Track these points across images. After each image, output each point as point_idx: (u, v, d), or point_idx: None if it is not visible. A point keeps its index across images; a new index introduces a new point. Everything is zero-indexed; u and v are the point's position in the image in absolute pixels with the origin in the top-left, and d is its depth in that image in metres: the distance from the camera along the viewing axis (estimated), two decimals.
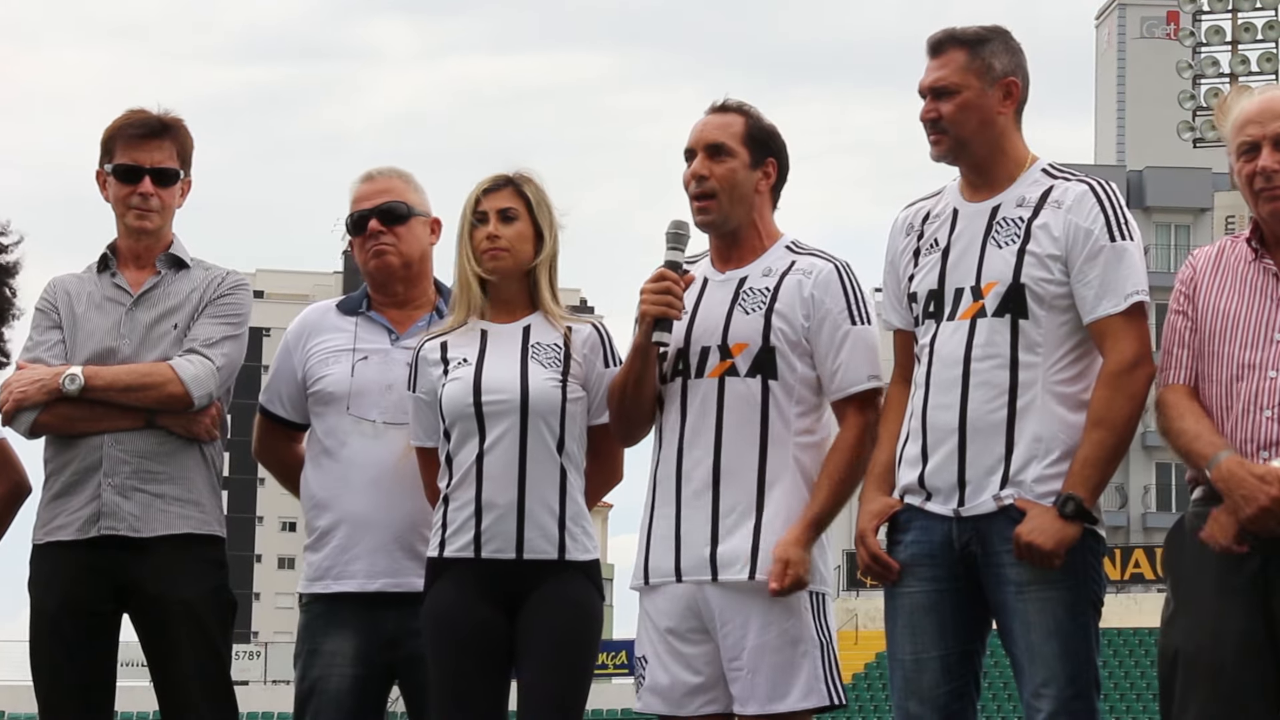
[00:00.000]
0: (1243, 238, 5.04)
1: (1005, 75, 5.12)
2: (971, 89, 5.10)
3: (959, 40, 5.14)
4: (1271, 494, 4.73)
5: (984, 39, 5.13)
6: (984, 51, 5.12)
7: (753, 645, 5.13)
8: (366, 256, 5.71)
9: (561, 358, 5.35)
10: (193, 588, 5.56)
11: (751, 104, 5.34)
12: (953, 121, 5.11)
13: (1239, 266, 5.01)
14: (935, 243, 5.18)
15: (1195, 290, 5.03)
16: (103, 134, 5.71)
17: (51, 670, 5.57)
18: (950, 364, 5.06)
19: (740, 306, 5.24)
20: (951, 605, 5.07)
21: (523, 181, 5.42)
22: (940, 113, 5.11)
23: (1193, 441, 4.89)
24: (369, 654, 5.58)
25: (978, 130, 5.11)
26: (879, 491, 5.16)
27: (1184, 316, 5.02)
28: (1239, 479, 4.77)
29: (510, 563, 5.26)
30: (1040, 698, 4.96)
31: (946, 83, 5.11)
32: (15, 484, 5.85)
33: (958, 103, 5.10)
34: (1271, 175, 4.91)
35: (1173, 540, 5.02)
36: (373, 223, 5.69)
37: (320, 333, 5.77)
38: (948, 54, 5.13)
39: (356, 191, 5.77)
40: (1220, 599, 4.82)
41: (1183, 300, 5.03)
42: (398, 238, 5.69)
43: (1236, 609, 4.80)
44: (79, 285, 5.72)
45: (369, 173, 5.81)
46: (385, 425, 5.60)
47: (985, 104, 5.11)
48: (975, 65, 5.11)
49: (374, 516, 5.57)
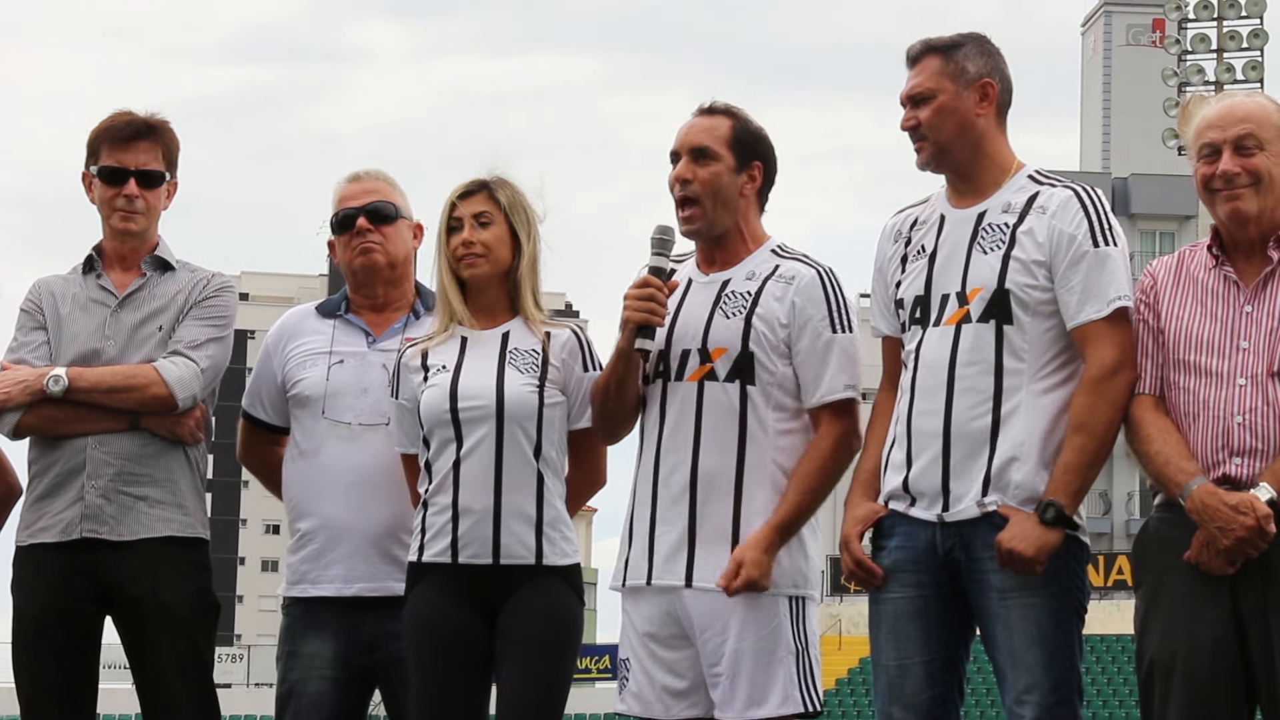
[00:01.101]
0: (1202, 245, 5.06)
1: (980, 77, 5.13)
2: (946, 92, 5.12)
3: (933, 48, 5.17)
4: (1247, 524, 4.75)
5: (958, 44, 5.16)
6: (957, 55, 5.14)
7: (731, 651, 5.13)
8: (352, 255, 5.71)
9: (539, 363, 5.35)
10: (175, 590, 5.56)
11: (740, 107, 5.34)
12: (930, 126, 5.12)
13: (1199, 274, 5.02)
14: (922, 249, 5.19)
15: (1156, 300, 5.04)
16: (88, 136, 5.72)
17: (33, 672, 5.56)
18: (935, 370, 5.06)
19: (721, 310, 5.23)
20: (935, 611, 5.07)
21: (498, 186, 5.41)
22: (919, 119, 5.13)
23: (1163, 467, 4.91)
24: (348, 657, 5.58)
25: (956, 134, 5.12)
26: (864, 497, 5.16)
27: (1145, 325, 5.03)
28: (1213, 510, 4.80)
29: (487, 568, 5.26)
30: (1023, 704, 4.96)
31: (922, 89, 5.13)
32: (7, 487, 5.85)
33: (934, 107, 5.11)
34: (1232, 178, 4.93)
35: (1140, 547, 5.04)
36: (361, 220, 5.69)
37: (299, 336, 5.77)
38: (923, 61, 5.16)
39: (342, 191, 5.77)
40: (1191, 605, 4.84)
41: (1144, 309, 5.05)
42: (385, 237, 5.70)
43: (1207, 615, 4.82)
44: (64, 287, 5.72)
45: (355, 173, 5.81)
46: (361, 428, 5.60)
47: (961, 107, 5.11)
48: (949, 69, 5.12)
49: (350, 520, 5.57)
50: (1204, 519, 4.81)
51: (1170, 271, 5.08)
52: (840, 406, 5.20)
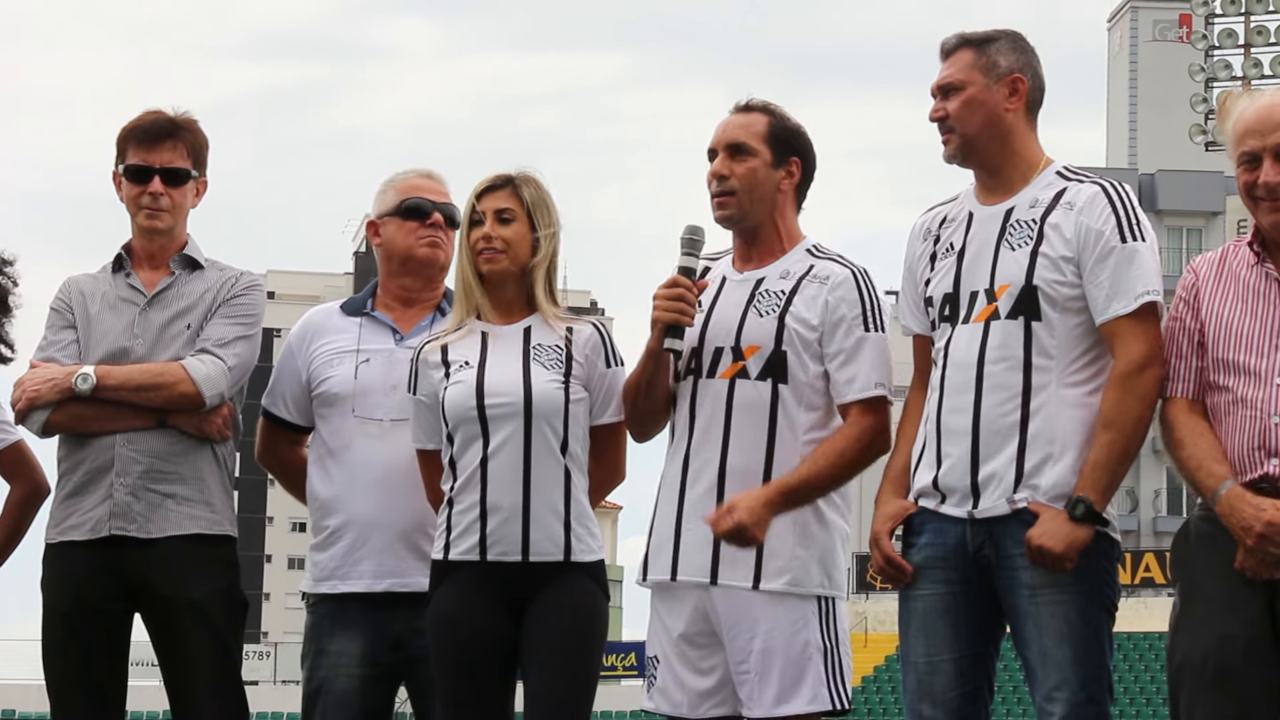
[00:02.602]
0: (1244, 241, 5.03)
1: (1011, 72, 5.13)
2: (976, 85, 5.11)
3: (968, 41, 5.17)
4: (1265, 519, 4.74)
5: (992, 38, 5.16)
6: (990, 49, 5.14)
7: (759, 650, 5.13)
8: (416, 243, 5.71)
9: (563, 359, 5.35)
10: (204, 587, 5.57)
11: (777, 104, 5.34)
12: (958, 118, 5.12)
13: (1241, 271, 4.99)
14: (951, 247, 5.18)
15: (1197, 297, 5.01)
16: (117, 135, 5.74)
17: (63, 669, 5.58)
18: (964, 367, 5.05)
19: (755, 308, 5.24)
20: (965, 608, 5.07)
21: (522, 182, 5.41)
22: (947, 110, 5.13)
23: (1195, 471, 4.90)
24: (375, 654, 5.59)
25: (984, 126, 5.12)
26: (894, 494, 5.16)
27: (1182, 325, 5.01)
28: (1238, 511, 4.79)
29: (516, 565, 5.26)
30: (1053, 701, 4.95)
31: (952, 80, 5.13)
32: (35, 485, 5.87)
33: (963, 99, 5.11)
34: (1275, 190, 4.90)
35: (1178, 545, 5.02)
36: (437, 216, 5.72)
37: (323, 334, 5.78)
38: (956, 54, 5.16)
39: (413, 181, 5.78)
40: (1227, 603, 4.81)
41: (1182, 308, 5.02)
42: (449, 240, 5.74)
43: (1243, 613, 4.80)
44: (93, 285, 5.74)
45: (427, 170, 5.84)
46: (391, 424, 5.60)
47: (990, 100, 5.11)
48: (980, 62, 5.13)
49: (381, 517, 5.58)
50: (1229, 522, 4.80)
51: (1213, 267, 5.05)
52: (871, 404, 5.19)
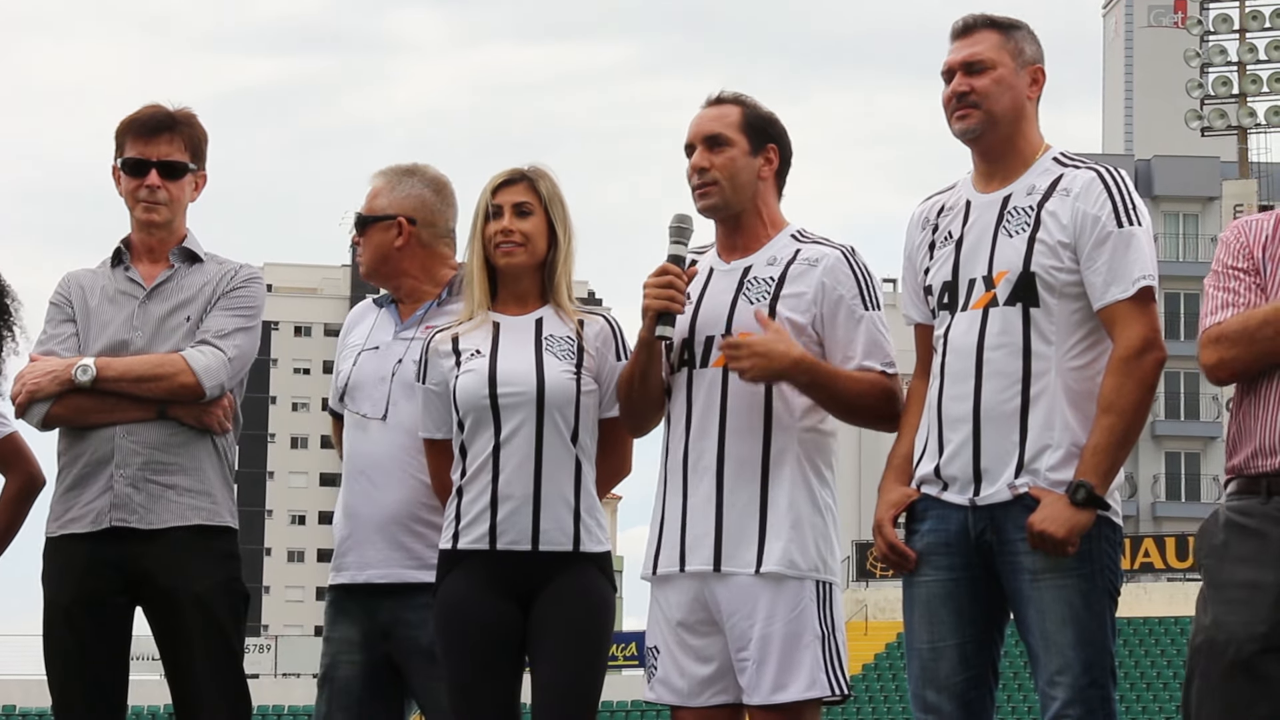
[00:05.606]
0: None
1: (1034, 62, 5.18)
2: (1006, 67, 5.13)
3: (992, 22, 5.18)
4: None
5: (1015, 25, 5.19)
6: (1016, 35, 5.17)
7: (758, 636, 5.14)
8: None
9: (575, 350, 5.36)
10: (204, 579, 5.58)
11: (748, 94, 5.34)
12: (986, 94, 5.12)
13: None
14: (949, 235, 5.19)
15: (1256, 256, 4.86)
16: (115, 129, 5.75)
17: (65, 663, 5.58)
18: (964, 354, 5.06)
19: (744, 296, 5.24)
20: (968, 594, 5.07)
21: (538, 177, 5.42)
22: (973, 86, 5.12)
23: None
24: (372, 642, 5.63)
25: (1009, 108, 5.13)
26: (897, 482, 5.17)
27: (1242, 273, 4.85)
28: None
29: (526, 554, 5.27)
30: (1055, 686, 4.95)
31: (982, 57, 5.13)
32: (29, 477, 5.88)
33: (994, 77, 5.12)
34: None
35: (1206, 532, 4.97)
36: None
37: (353, 329, 5.87)
38: (980, 33, 5.16)
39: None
40: (1249, 591, 4.80)
41: (1242, 258, 4.88)
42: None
43: (1265, 600, 4.78)
44: (92, 279, 5.75)
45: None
46: (372, 418, 5.63)
47: (1017, 85, 5.14)
48: (1009, 46, 5.15)
49: (361, 510, 5.62)
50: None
51: (1268, 232, 4.91)
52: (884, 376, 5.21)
